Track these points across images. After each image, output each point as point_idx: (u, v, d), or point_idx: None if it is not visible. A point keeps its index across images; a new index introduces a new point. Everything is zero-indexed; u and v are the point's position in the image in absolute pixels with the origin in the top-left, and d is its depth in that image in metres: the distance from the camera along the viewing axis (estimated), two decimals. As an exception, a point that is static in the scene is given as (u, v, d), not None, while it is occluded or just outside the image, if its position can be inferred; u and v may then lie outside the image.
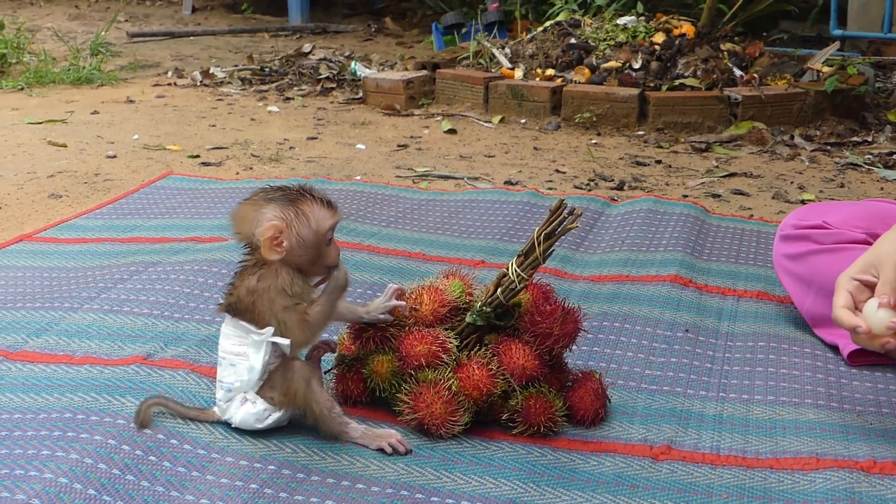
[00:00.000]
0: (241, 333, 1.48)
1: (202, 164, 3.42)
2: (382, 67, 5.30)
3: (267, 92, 4.84)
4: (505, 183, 3.25)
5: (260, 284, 1.47)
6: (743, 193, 3.23)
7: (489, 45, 4.84)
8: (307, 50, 5.74)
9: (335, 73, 5.19)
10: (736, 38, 4.86)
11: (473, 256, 2.39)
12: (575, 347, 1.67)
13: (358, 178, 3.25)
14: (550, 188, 3.19)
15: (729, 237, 2.63)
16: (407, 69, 4.91)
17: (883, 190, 3.34)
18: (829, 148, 3.86)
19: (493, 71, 4.61)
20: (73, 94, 4.68)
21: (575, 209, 1.56)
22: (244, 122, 4.18)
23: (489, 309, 1.60)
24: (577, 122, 4.13)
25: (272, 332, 1.47)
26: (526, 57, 4.68)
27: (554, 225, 1.56)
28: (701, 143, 3.87)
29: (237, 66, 5.43)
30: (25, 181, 3.10)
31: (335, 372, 1.67)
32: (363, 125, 4.17)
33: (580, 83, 4.34)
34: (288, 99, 4.70)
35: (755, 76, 4.25)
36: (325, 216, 1.49)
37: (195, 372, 1.71)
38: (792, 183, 3.38)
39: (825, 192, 3.27)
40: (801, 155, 3.76)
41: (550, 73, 4.47)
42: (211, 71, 5.18)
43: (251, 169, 3.36)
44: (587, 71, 4.39)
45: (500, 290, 1.59)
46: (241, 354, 1.48)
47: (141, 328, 1.91)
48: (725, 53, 4.51)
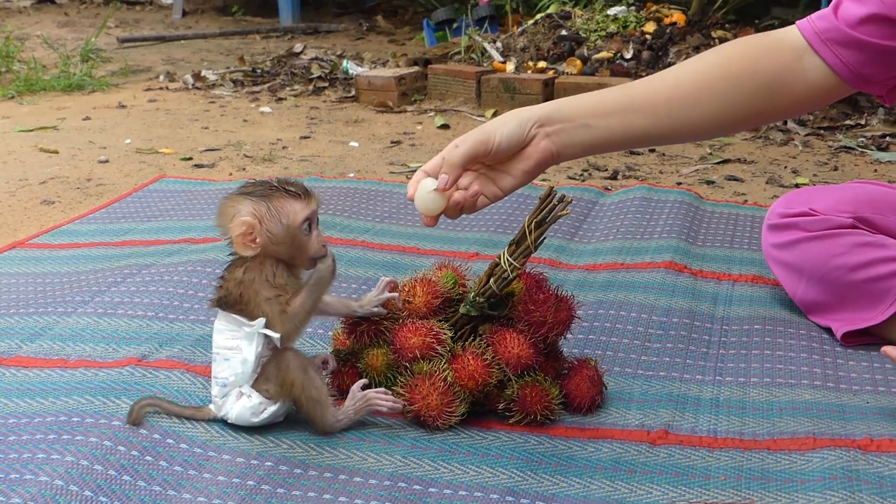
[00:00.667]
0: (233, 327, 1.48)
1: (195, 166, 3.42)
2: (374, 65, 5.30)
3: (259, 93, 4.84)
4: (498, 176, 3.24)
5: (246, 276, 1.47)
6: (737, 179, 3.22)
7: (480, 39, 4.84)
8: (298, 50, 5.74)
9: (327, 72, 5.19)
10: (727, 25, 4.86)
11: (468, 249, 2.39)
12: (570, 335, 1.67)
13: (351, 175, 3.25)
14: (544, 179, 3.18)
15: (723, 223, 2.63)
16: (399, 66, 4.91)
17: (877, 172, 3.34)
18: (822, 132, 3.86)
19: (484, 65, 4.61)
20: (64, 100, 4.67)
21: (565, 196, 1.55)
22: (237, 123, 4.17)
23: (482, 299, 1.60)
24: (569, 113, 4.11)
25: (263, 323, 1.46)
26: (517, 50, 4.68)
27: (544, 213, 1.55)
28: (694, 130, 3.86)
29: (229, 68, 5.43)
30: (17, 188, 3.10)
31: (330, 367, 1.67)
32: (356, 123, 4.17)
33: (572, 74, 4.33)
34: (280, 99, 4.70)
35: (747, 62, 4.24)
36: (296, 210, 1.47)
37: (190, 371, 1.71)
38: (786, 168, 3.38)
39: (819, 175, 3.27)
40: (794, 140, 3.76)
41: (542, 65, 4.47)
42: (202, 74, 5.18)
43: (244, 170, 3.36)
44: (579, 62, 4.39)
45: (492, 279, 1.59)
46: (234, 348, 1.48)
47: (135, 330, 1.90)
48: (717, 41, 4.50)
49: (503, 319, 1.61)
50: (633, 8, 4.81)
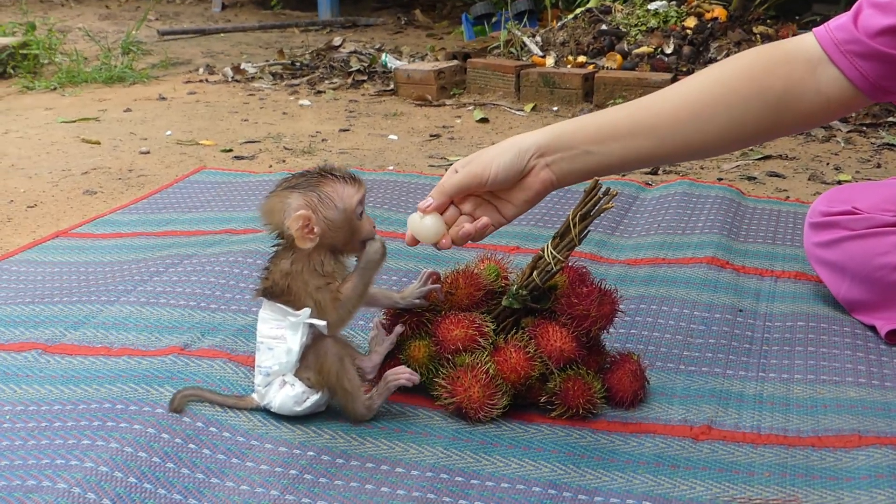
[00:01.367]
0: (278, 316, 1.48)
1: (235, 158, 3.43)
2: (413, 59, 5.30)
3: (298, 86, 4.85)
4: (538, 170, 3.23)
5: (293, 267, 1.46)
6: (778, 175, 3.20)
7: (519, 33, 4.82)
8: (337, 43, 5.75)
9: (366, 65, 5.20)
10: (768, 20, 4.82)
11: (508, 242, 2.38)
12: (612, 330, 1.66)
13: (391, 168, 3.25)
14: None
15: (766, 219, 2.60)
16: (437, 60, 4.90)
17: (921, 169, 3.30)
18: (864, 129, 3.82)
19: (524, 59, 4.59)
20: (105, 92, 4.71)
21: (610, 189, 1.55)
22: (276, 115, 4.19)
23: (525, 292, 1.59)
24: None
25: (309, 313, 1.46)
26: (557, 44, 4.67)
27: (589, 206, 1.55)
28: (735, 126, 3.83)
29: (268, 61, 5.45)
30: (60, 179, 3.13)
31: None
32: (395, 116, 4.17)
33: (612, 69, 4.32)
34: (319, 92, 4.71)
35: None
36: (349, 193, 1.48)
37: (232, 361, 1.71)
38: (828, 164, 3.35)
39: (861, 172, 3.24)
40: (836, 136, 3.73)
41: (582, 59, 4.45)
42: (242, 67, 5.20)
43: (284, 162, 3.37)
44: (619, 57, 4.37)
45: (535, 272, 1.58)
46: (278, 338, 1.48)
47: (177, 319, 1.91)
48: (758, 36, 4.47)
49: (546, 312, 1.61)
50: (673, 3, 4.78)
